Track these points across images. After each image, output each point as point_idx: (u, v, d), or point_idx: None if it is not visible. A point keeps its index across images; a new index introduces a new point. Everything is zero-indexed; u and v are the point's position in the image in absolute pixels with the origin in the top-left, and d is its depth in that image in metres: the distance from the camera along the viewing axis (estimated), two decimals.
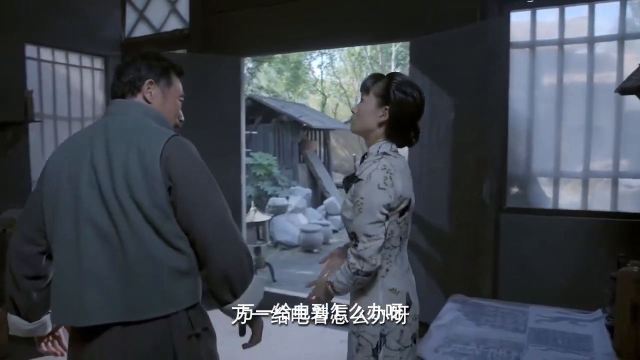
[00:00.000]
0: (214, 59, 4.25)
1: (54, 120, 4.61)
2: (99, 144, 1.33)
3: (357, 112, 1.70)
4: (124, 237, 1.27)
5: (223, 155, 4.29)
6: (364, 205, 1.53)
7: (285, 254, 7.18)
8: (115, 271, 1.28)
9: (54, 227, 1.35)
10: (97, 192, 1.29)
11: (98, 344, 1.30)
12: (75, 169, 1.34)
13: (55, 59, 4.61)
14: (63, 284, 1.33)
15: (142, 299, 1.29)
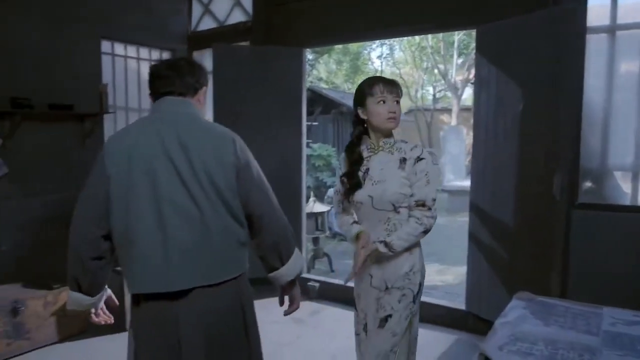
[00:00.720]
0: (276, 51, 4.30)
1: (126, 111, 4.85)
2: (170, 136, 1.55)
3: (399, 113, 1.99)
4: (205, 214, 1.52)
5: (284, 146, 4.35)
6: (430, 177, 1.90)
7: (343, 244, 7.19)
8: (197, 242, 1.51)
9: (128, 209, 1.50)
10: (177, 178, 1.51)
11: (181, 306, 1.51)
12: (147, 158, 1.52)
13: (128, 53, 4.84)
14: (149, 256, 1.50)
15: (219, 264, 1.56)
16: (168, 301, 1.51)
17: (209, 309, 1.54)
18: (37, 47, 3.89)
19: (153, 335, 1.55)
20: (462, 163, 12.64)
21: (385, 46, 23.86)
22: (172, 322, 1.52)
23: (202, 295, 1.53)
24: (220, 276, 1.56)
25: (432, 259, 6.28)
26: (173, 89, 1.66)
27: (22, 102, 3.70)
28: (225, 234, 1.56)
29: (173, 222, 1.50)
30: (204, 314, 1.53)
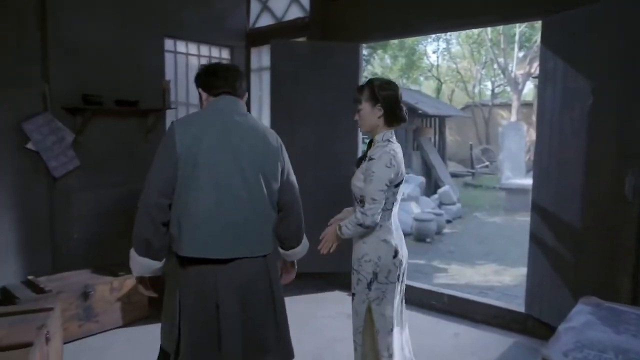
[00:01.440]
0: (333, 46, 4.31)
1: (187, 107, 5.02)
2: (231, 131, 1.85)
3: (359, 118, 2.27)
4: (254, 200, 1.84)
5: (340, 142, 4.35)
6: (374, 177, 2.11)
7: None
8: (244, 222, 1.82)
9: (189, 187, 1.77)
10: (235, 168, 1.81)
11: (221, 271, 1.79)
12: (211, 148, 1.79)
13: (189, 50, 5.00)
14: (204, 228, 1.77)
15: (258, 241, 1.88)
16: (212, 265, 1.79)
17: (244, 277, 1.83)
18: (106, 47, 4.09)
19: (196, 294, 1.79)
20: (522, 160, 12.17)
21: (441, 40, 23.34)
22: (212, 284, 1.79)
23: (240, 265, 1.82)
24: (257, 251, 1.87)
25: (489, 259, 6.11)
26: (231, 90, 1.94)
27: (93, 98, 3.91)
28: (265, 218, 1.90)
29: (227, 204, 1.79)
30: (239, 281, 1.82)
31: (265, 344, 1.89)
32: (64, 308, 3.27)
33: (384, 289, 2.19)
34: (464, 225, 8.48)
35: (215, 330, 1.79)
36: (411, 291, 4.15)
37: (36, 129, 3.70)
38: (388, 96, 2.22)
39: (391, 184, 2.14)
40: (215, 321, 1.79)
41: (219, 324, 1.79)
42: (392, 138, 2.24)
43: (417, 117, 11.96)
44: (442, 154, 12.78)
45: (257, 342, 1.87)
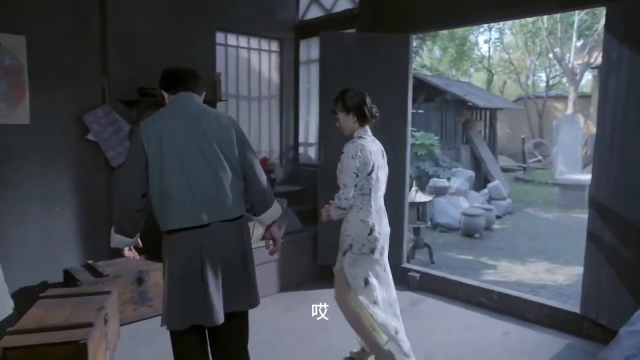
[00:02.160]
0: (382, 38, 4.25)
1: (237, 99, 5.11)
2: (190, 120, 2.16)
3: (340, 125, 2.83)
4: (217, 173, 2.15)
5: (389, 134, 4.29)
6: (344, 167, 2.66)
7: (444, 236, 6.99)
8: (213, 193, 2.14)
9: (162, 175, 2.09)
10: (197, 151, 2.12)
11: (203, 234, 2.13)
12: (175, 138, 2.11)
13: (239, 43, 5.08)
14: (182, 204, 2.10)
15: (229, 207, 2.18)
16: (194, 231, 2.12)
17: (221, 238, 2.17)
18: (160, 41, 4.22)
19: (184, 258, 2.12)
20: (578, 155, 11.63)
21: (494, 30, 22.59)
22: (197, 247, 2.12)
23: (217, 228, 2.16)
24: (228, 215, 2.18)
25: (541, 257, 5.90)
26: (186, 89, 2.28)
27: (148, 91, 4.04)
28: (232, 187, 2.19)
29: (196, 181, 2.12)
30: (218, 241, 2.16)
31: (238, 294, 2.25)
32: (120, 292, 3.42)
33: (356, 257, 2.71)
34: (515, 221, 8.21)
35: (201, 283, 2.12)
36: (459, 287, 4.08)
37: (96, 121, 3.87)
38: (356, 104, 2.76)
39: (361, 172, 2.64)
40: (200, 276, 2.12)
41: (204, 278, 2.12)
42: (364, 134, 2.77)
43: (467, 110, 11.64)
44: (493, 147, 12.40)
45: (232, 292, 2.21)
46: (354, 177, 2.63)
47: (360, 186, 2.66)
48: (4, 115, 3.45)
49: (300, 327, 3.53)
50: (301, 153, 5.59)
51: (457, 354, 3.12)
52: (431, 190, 7.70)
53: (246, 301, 2.31)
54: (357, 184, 2.65)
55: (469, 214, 7.04)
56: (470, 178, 8.86)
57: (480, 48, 23.82)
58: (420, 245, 5.44)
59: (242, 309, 2.32)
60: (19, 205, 3.54)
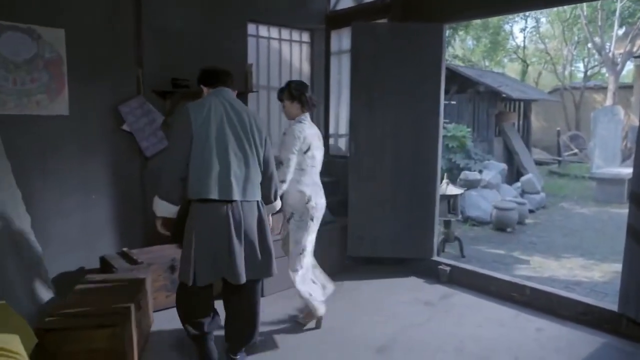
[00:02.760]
0: (415, 27, 4.19)
1: (268, 90, 5.13)
2: (231, 110, 2.55)
3: (285, 112, 3.26)
4: (249, 161, 2.56)
5: (420, 125, 4.26)
6: (284, 145, 3.07)
7: (475, 230, 6.88)
8: (245, 176, 2.55)
9: (204, 151, 2.45)
10: (237, 137, 2.53)
11: (234, 207, 2.50)
12: (219, 123, 2.49)
13: (270, 34, 5.08)
14: (219, 179, 2.46)
15: (253, 190, 2.58)
16: (225, 204, 2.48)
17: (246, 214, 2.54)
18: (193, 32, 4.27)
19: (213, 222, 2.47)
20: (617, 148, 11.24)
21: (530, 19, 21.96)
22: (225, 217, 2.47)
23: (242, 205, 2.53)
24: (253, 196, 2.58)
25: (576, 252, 5.75)
26: (227, 84, 2.68)
27: (180, 82, 4.10)
28: (256, 175, 2.60)
29: (232, 163, 2.50)
30: (243, 216, 2.52)
31: (255, 263, 2.58)
32: (153, 279, 3.50)
33: (298, 224, 3.16)
34: (548, 216, 8.02)
35: (227, 245, 2.46)
36: (490, 281, 4.01)
37: (130, 112, 3.95)
38: (300, 93, 3.15)
39: (298, 150, 3.05)
40: (227, 240, 2.46)
41: (230, 243, 2.46)
42: (303, 120, 3.17)
43: (500, 102, 11.38)
44: (527, 140, 12.09)
45: (250, 261, 2.56)
46: (295, 153, 3.05)
47: (299, 162, 3.09)
48: (45, 106, 3.56)
49: (329, 317, 3.54)
50: (331, 144, 5.57)
51: (488, 349, 3.08)
52: (462, 183, 7.59)
53: (261, 270, 2.63)
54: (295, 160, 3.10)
55: (501, 208, 6.91)
56: (502, 171, 8.68)
57: (515, 38, 23.17)
58: (450, 239, 5.37)
59: (258, 277, 2.66)
60: (58, 194, 3.65)
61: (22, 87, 3.45)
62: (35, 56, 3.49)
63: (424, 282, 4.29)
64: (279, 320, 3.50)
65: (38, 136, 3.54)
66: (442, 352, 3.04)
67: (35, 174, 3.52)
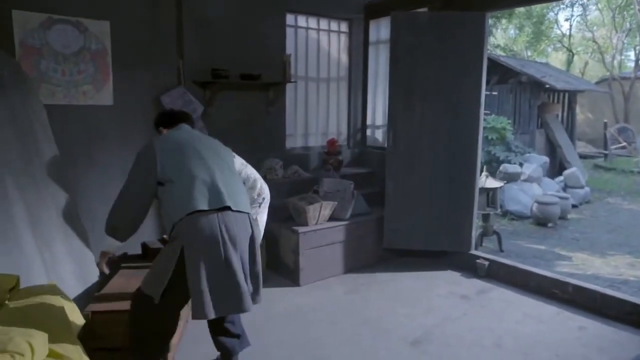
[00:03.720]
0: (455, 16, 4.09)
1: (305, 81, 5.13)
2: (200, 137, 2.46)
3: None
4: (233, 171, 2.39)
5: (460, 116, 4.17)
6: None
7: (514, 224, 6.71)
8: (232, 184, 2.29)
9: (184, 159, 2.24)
10: (214, 151, 2.37)
11: (226, 217, 2.17)
12: (190, 143, 2.32)
13: (309, 24, 5.08)
14: (206, 187, 2.18)
15: (244, 202, 2.31)
16: (216, 213, 2.15)
17: (239, 225, 2.21)
18: (233, 23, 4.31)
19: (205, 238, 2.11)
20: None
21: (576, 6, 21.10)
22: (218, 228, 2.13)
23: (235, 215, 2.20)
24: (244, 207, 2.27)
25: (623, 250, 5.53)
26: (188, 122, 2.56)
27: (220, 73, 4.15)
28: (242, 186, 2.41)
29: (216, 171, 2.25)
30: (237, 227, 2.19)
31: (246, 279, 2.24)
32: None
33: None
34: (593, 211, 7.74)
35: (226, 267, 2.14)
36: (530, 277, 3.91)
37: (172, 102, 4.03)
38: None
39: None
40: (225, 260, 2.13)
41: (229, 262, 2.14)
42: None
43: (543, 93, 11.01)
44: (571, 132, 11.67)
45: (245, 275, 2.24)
46: None
47: None
48: (91, 96, 3.68)
49: (364, 309, 3.55)
50: (369, 135, 5.54)
51: (528, 346, 3.01)
52: (502, 176, 7.41)
53: (253, 297, 2.29)
54: None
55: (542, 202, 6.71)
56: (544, 164, 8.43)
57: (560, 26, 22.30)
58: (488, 233, 5.27)
59: (237, 311, 2.25)
60: (102, 181, 3.77)
61: (70, 78, 3.58)
62: (82, 48, 3.61)
63: (461, 275, 4.23)
64: (313, 311, 3.53)
65: (84, 125, 3.66)
66: (478, 347, 2.99)
67: (81, 161, 3.65)
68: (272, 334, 3.14)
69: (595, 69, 22.56)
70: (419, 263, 4.50)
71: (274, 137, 4.75)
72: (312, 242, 4.01)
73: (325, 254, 4.11)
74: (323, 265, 4.10)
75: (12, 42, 3.32)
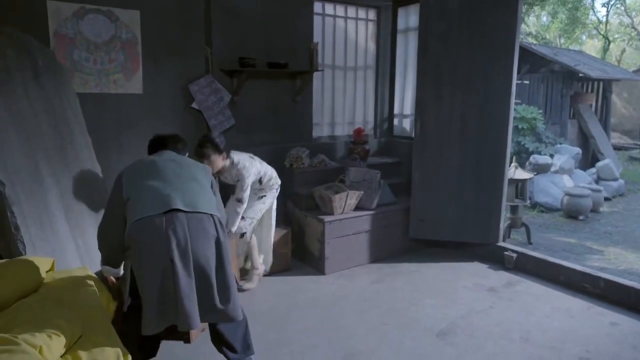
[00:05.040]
0: (487, 3, 3.97)
1: (333, 69, 5.10)
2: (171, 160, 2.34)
3: (213, 167, 3.22)
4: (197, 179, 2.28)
5: (489, 105, 4.08)
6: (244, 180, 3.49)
7: (544, 216, 6.57)
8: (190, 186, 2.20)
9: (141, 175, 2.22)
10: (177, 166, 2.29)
11: (180, 220, 2.03)
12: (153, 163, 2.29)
13: (336, 12, 5.03)
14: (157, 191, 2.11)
15: (206, 203, 2.17)
16: (165, 216, 2.03)
17: (196, 229, 2.05)
18: (260, 12, 4.30)
19: (152, 247, 1.99)
20: None
21: None
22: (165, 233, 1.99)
23: (191, 217, 2.06)
24: (204, 208, 2.13)
25: None
26: (174, 149, 2.53)
27: (247, 61, 4.16)
28: (209, 193, 2.27)
29: (173, 179, 2.19)
30: (192, 232, 2.03)
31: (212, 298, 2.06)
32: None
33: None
34: (627, 205, 7.51)
35: (172, 278, 1.97)
36: (560, 270, 3.84)
37: (199, 90, 4.07)
38: (220, 143, 3.29)
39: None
40: (171, 271, 1.97)
41: (174, 273, 1.97)
42: (235, 157, 3.49)
43: (577, 82, 10.68)
44: (605, 123, 11.31)
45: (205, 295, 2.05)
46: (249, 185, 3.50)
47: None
48: (121, 85, 3.74)
49: (390, 299, 3.54)
50: (396, 125, 5.49)
51: (557, 340, 2.95)
52: (531, 167, 7.26)
53: (221, 311, 2.07)
54: None
55: (573, 194, 6.55)
56: (576, 156, 8.21)
57: (597, 12, 21.52)
58: (517, 225, 5.18)
59: (215, 321, 2.13)
60: None
61: (102, 67, 3.64)
62: (113, 37, 3.66)
63: (488, 267, 4.17)
64: (338, 300, 3.54)
65: (115, 113, 3.73)
66: (505, 340, 2.96)
67: (112, 149, 3.72)
68: (297, 322, 3.17)
69: (633, 56, 21.79)
70: (445, 254, 4.46)
71: (301, 126, 4.75)
72: (337, 232, 4.01)
73: (350, 244, 4.11)
74: (348, 254, 4.10)
75: (46, 32, 3.39)
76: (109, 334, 1.98)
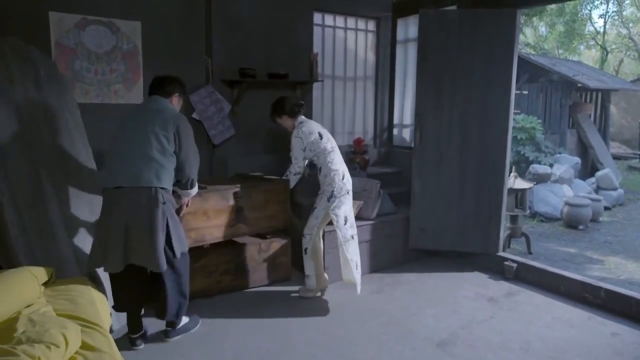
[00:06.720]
0: (486, 14, 4.02)
1: (332, 80, 5.13)
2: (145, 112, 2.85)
3: (285, 127, 3.63)
4: (149, 151, 2.70)
5: (489, 116, 4.10)
6: (292, 147, 3.53)
7: (543, 226, 6.57)
8: (136, 162, 2.70)
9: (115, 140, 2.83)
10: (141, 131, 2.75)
11: (122, 194, 2.67)
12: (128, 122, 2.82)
13: (336, 23, 5.07)
14: (114, 168, 2.74)
15: (146, 178, 2.67)
16: (115, 191, 2.69)
17: (133, 200, 2.67)
18: (261, 22, 4.34)
19: (105, 210, 2.72)
20: None
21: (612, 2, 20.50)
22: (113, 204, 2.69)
23: (130, 191, 2.67)
24: (142, 183, 2.67)
25: None
26: (160, 92, 2.94)
27: (248, 72, 4.19)
28: (154, 163, 2.69)
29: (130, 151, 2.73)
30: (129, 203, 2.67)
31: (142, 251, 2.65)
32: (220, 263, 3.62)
33: (337, 200, 3.43)
34: (627, 214, 7.51)
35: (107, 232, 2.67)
36: (560, 280, 3.83)
37: (200, 100, 4.09)
38: (292, 107, 3.52)
39: (306, 147, 3.45)
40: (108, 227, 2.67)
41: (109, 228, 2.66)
42: (300, 123, 3.52)
43: (575, 92, 10.73)
44: (604, 133, 11.34)
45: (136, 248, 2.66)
46: (301, 152, 3.48)
47: (315, 154, 3.47)
48: (122, 95, 3.76)
49: (390, 308, 3.53)
50: (395, 134, 5.50)
51: (558, 351, 2.94)
52: (531, 177, 7.27)
53: (148, 261, 2.66)
54: (305, 156, 3.51)
55: (573, 204, 6.55)
56: (575, 165, 8.23)
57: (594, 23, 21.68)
58: (517, 234, 5.17)
59: (142, 264, 2.69)
60: None
61: (103, 78, 3.67)
62: (114, 48, 3.69)
63: (488, 277, 4.17)
64: (338, 309, 3.53)
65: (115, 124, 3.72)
66: (506, 351, 2.94)
67: None
68: (297, 331, 3.15)
69: (631, 66, 21.90)
70: (445, 264, 4.46)
71: None
72: (337, 241, 4.00)
73: None
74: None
75: (48, 43, 3.42)
76: (109, 345, 1.97)
